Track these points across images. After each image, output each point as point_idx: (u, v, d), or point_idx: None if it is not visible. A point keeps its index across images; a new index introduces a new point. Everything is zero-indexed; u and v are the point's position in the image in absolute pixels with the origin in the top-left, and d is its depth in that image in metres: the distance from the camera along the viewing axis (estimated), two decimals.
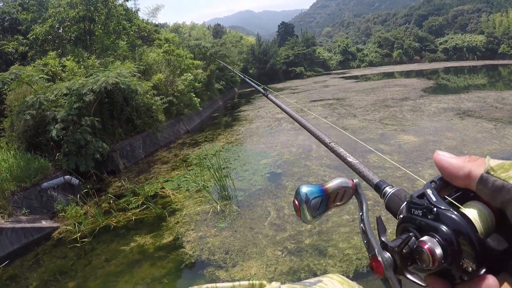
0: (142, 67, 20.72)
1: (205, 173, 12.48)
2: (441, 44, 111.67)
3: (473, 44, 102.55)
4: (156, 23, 40.93)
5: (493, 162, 0.58)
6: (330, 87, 44.98)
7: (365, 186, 0.91)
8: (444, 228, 0.59)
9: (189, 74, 26.28)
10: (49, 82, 15.36)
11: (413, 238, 0.63)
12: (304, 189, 0.81)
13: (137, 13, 34.23)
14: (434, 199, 0.62)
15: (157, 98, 19.62)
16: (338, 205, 0.83)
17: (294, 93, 42.45)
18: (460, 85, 36.47)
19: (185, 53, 31.56)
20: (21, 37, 21.36)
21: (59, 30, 20.39)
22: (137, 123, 17.96)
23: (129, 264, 7.51)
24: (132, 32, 25.37)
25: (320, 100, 31.45)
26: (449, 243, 0.57)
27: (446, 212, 0.60)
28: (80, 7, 18.96)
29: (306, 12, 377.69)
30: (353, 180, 0.84)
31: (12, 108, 14.51)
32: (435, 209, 0.61)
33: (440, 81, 42.48)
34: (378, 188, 0.91)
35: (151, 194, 11.45)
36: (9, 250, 9.00)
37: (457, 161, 0.62)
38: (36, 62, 16.80)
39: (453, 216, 0.59)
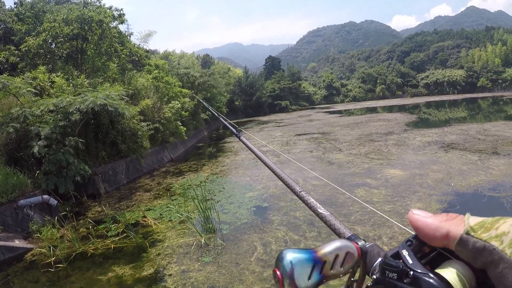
0: (131, 91, 20.63)
1: (189, 204, 12.20)
2: (423, 79, 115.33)
3: (453, 79, 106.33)
4: (147, 49, 41.15)
5: (473, 221, 0.55)
6: (315, 121, 45.34)
7: None
8: None
9: (177, 102, 26.17)
10: (37, 97, 15.18)
11: None
12: (289, 256, 0.64)
13: (130, 37, 34.38)
14: (410, 261, 0.57)
15: (144, 124, 19.41)
16: (338, 276, 0.67)
17: (279, 126, 42.61)
18: (442, 119, 37.37)
19: (174, 81, 31.59)
20: (13, 48, 21.28)
21: (52, 45, 20.46)
22: (122, 148, 17.65)
23: None
24: (124, 55, 25.36)
25: (305, 134, 31.53)
26: None
27: (423, 276, 0.55)
28: (75, 25, 18.99)
29: (293, 47, 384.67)
30: (358, 243, 0.70)
31: None
32: (411, 273, 0.56)
33: (422, 115, 43.51)
34: None
35: (132, 222, 11.07)
36: None
37: (434, 221, 0.58)
38: (26, 75, 16.73)
39: (431, 281, 0.53)
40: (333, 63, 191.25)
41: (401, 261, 0.58)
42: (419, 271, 0.55)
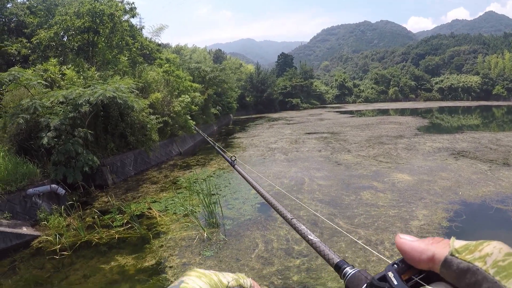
0: (141, 85, 20.73)
1: (194, 198, 12.27)
2: (437, 84, 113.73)
3: (468, 85, 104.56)
4: (159, 43, 41.26)
5: (458, 244, 0.56)
6: (325, 121, 45.22)
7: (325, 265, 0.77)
8: None
9: (187, 96, 26.22)
10: (47, 89, 15.29)
11: None
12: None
13: (141, 31, 34.49)
14: (396, 283, 0.59)
15: (153, 117, 19.49)
16: None
17: (289, 124, 42.58)
18: (454, 125, 36.94)
19: (185, 75, 31.66)
20: (25, 40, 21.45)
21: (63, 38, 20.58)
22: (130, 140, 17.75)
23: (108, 284, 7.20)
24: (135, 49, 25.48)
25: (315, 133, 31.49)
26: None
27: None
28: (86, 18, 19.08)
29: (306, 45, 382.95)
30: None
31: (7, 109, 14.36)
32: None
33: (435, 120, 43.05)
34: (338, 268, 0.91)
35: (137, 214, 11.17)
36: None
37: (420, 245, 0.60)
38: (37, 67, 16.83)
39: None
40: (346, 63, 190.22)
41: (387, 284, 0.60)
42: None
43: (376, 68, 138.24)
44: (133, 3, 22.09)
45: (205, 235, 9.10)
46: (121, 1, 21.57)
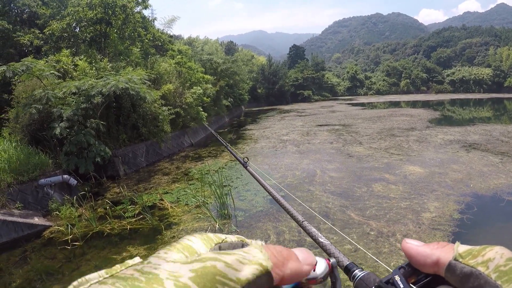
0: (153, 76, 20.79)
1: (206, 189, 12.29)
2: (448, 76, 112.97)
3: (480, 77, 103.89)
4: (171, 34, 41.29)
5: (462, 248, 0.57)
6: (337, 113, 45.08)
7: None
8: None
9: (199, 88, 26.27)
10: (59, 79, 15.36)
11: None
12: None
13: (153, 22, 34.55)
14: (402, 286, 0.60)
15: (165, 108, 19.56)
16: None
17: (301, 116, 42.47)
18: (466, 118, 36.58)
19: (197, 67, 31.67)
20: (38, 31, 21.56)
21: (76, 29, 20.66)
22: (142, 131, 17.85)
23: None
24: (147, 40, 25.54)
25: (326, 125, 31.38)
26: None
27: None
28: (99, 9, 19.14)
29: (318, 37, 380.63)
30: (329, 260, 0.74)
31: (20, 100, 14.47)
32: None
33: (446, 113, 42.73)
34: (348, 270, 0.94)
35: (149, 205, 11.22)
36: None
37: (425, 249, 0.62)
38: (49, 58, 16.92)
39: None
40: (358, 55, 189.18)
41: (394, 287, 0.61)
42: None
43: (388, 60, 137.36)
44: None
45: (217, 226, 9.12)
46: None
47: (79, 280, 0.37)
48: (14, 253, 8.50)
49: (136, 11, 22.44)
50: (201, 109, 25.76)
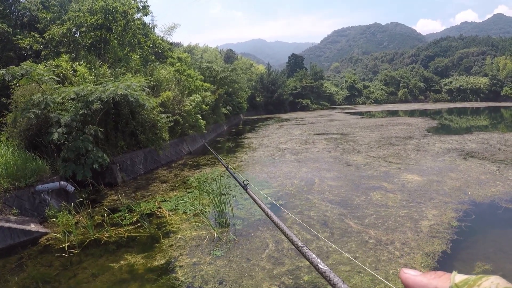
0: (152, 83, 20.81)
1: (204, 198, 12.27)
2: (446, 85, 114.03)
3: (477, 86, 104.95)
4: (171, 41, 41.40)
5: (459, 278, 0.58)
6: (335, 122, 45.20)
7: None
8: None
9: (198, 96, 26.30)
10: (58, 84, 15.33)
11: None
12: None
13: (154, 29, 34.65)
14: None
15: (164, 116, 19.55)
16: None
17: (299, 125, 42.55)
18: (463, 126, 36.92)
19: (196, 74, 31.73)
20: (38, 35, 21.53)
21: (76, 34, 20.65)
22: (141, 138, 17.83)
23: (117, 283, 7.19)
24: (147, 47, 25.60)
25: (325, 134, 31.44)
26: None
27: None
28: (99, 15, 19.19)
29: (317, 46, 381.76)
30: None
31: (18, 104, 14.38)
32: None
33: (444, 121, 43.04)
34: None
35: (147, 213, 11.19)
36: None
37: (422, 279, 0.63)
38: (49, 62, 16.89)
39: None
40: (356, 64, 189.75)
41: None
42: None
43: (386, 70, 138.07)
44: (146, 1, 22.16)
45: (215, 235, 9.08)
46: None
47: None
48: (10, 260, 8.42)
49: (137, 18, 22.49)
50: (200, 117, 25.79)
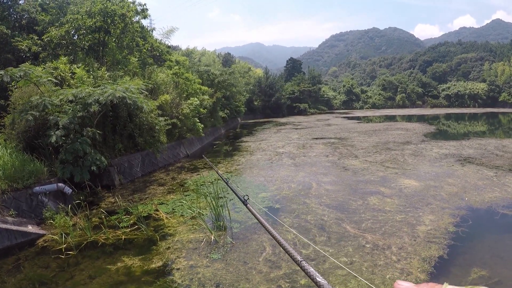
0: (150, 86, 20.78)
1: (202, 201, 12.26)
2: (444, 91, 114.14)
3: (475, 92, 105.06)
4: (169, 45, 41.42)
5: None
6: (333, 126, 45.28)
7: None
8: None
9: (196, 99, 26.32)
10: (57, 86, 15.30)
11: None
12: None
13: (152, 32, 34.65)
14: None
15: (161, 119, 19.55)
16: None
17: (297, 129, 42.61)
18: (461, 132, 37.05)
19: (194, 78, 31.75)
20: (36, 37, 21.55)
21: (74, 37, 20.63)
22: (139, 141, 17.83)
23: (114, 285, 7.18)
24: (145, 50, 25.62)
25: (322, 138, 31.50)
26: None
27: None
28: (98, 18, 19.17)
29: (315, 50, 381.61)
30: None
31: (16, 106, 14.37)
32: None
33: (441, 127, 43.14)
34: None
35: (144, 215, 11.18)
36: None
37: None
38: (47, 64, 16.88)
39: None
40: (354, 69, 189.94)
41: None
42: None
43: (384, 75, 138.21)
44: (145, 4, 22.18)
45: (213, 238, 9.09)
46: (133, 2, 21.64)
47: None
48: (7, 261, 8.41)
49: (135, 21, 22.51)
50: (198, 120, 25.81)
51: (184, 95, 26.14)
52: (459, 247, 8.11)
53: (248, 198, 3.52)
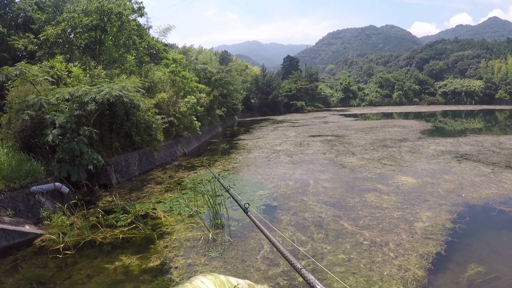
0: (147, 84, 20.74)
1: (199, 199, 12.26)
2: (440, 88, 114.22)
3: (471, 89, 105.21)
4: (166, 43, 41.32)
5: None
6: (330, 124, 45.30)
7: None
8: None
9: (193, 97, 26.29)
10: (53, 85, 15.26)
11: None
12: None
13: (149, 30, 34.58)
14: None
15: (158, 117, 19.53)
16: None
17: (294, 127, 42.59)
18: (458, 129, 37.13)
19: (191, 76, 31.69)
20: (32, 36, 21.49)
21: (70, 35, 20.61)
22: (135, 140, 17.79)
23: (112, 284, 7.16)
24: (142, 48, 25.55)
25: (319, 136, 31.50)
26: None
27: None
28: (94, 16, 19.13)
29: (312, 48, 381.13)
30: None
31: (12, 105, 14.34)
32: None
33: (438, 124, 43.32)
34: None
35: (142, 214, 11.15)
36: None
37: None
38: (43, 63, 16.80)
39: None
40: (351, 66, 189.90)
41: None
42: None
43: (381, 72, 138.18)
44: (141, 3, 22.10)
45: (210, 236, 9.09)
46: (129, 0, 21.57)
47: None
48: (5, 262, 8.37)
49: (132, 19, 22.44)
50: (195, 119, 25.77)
51: (181, 93, 26.09)
52: (457, 243, 8.13)
53: (249, 206, 3.51)
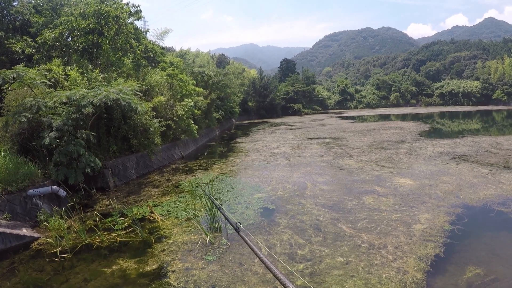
0: (144, 87, 20.72)
1: (197, 202, 12.22)
2: (438, 89, 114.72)
3: (468, 90, 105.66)
4: (163, 46, 41.30)
5: None
6: (327, 126, 45.33)
7: None
8: None
9: (190, 100, 26.27)
10: (50, 89, 15.26)
11: None
12: None
13: (146, 34, 34.56)
14: None
15: (156, 120, 19.49)
16: None
17: (291, 129, 42.63)
18: (455, 130, 37.15)
19: (188, 79, 31.66)
20: (30, 39, 21.49)
21: (68, 39, 20.60)
22: (133, 143, 17.78)
23: None
24: (139, 52, 25.52)
25: (317, 138, 31.51)
26: None
27: None
28: (92, 19, 19.12)
29: (309, 51, 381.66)
30: None
31: (10, 108, 14.35)
32: None
33: (436, 125, 43.28)
34: None
35: (139, 217, 11.12)
36: None
37: None
38: (41, 66, 16.80)
39: None
40: (348, 68, 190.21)
41: None
42: None
43: (378, 74, 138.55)
44: (138, 6, 22.08)
45: (208, 240, 9.04)
46: (127, 4, 21.56)
47: None
48: (2, 265, 8.33)
49: (129, 22, 22.43)
50: (192, 122, 25.76)
51: (178, 97, 26.08)
52: (455, 245, 8.11)
53: (240, 225, 3.49)
